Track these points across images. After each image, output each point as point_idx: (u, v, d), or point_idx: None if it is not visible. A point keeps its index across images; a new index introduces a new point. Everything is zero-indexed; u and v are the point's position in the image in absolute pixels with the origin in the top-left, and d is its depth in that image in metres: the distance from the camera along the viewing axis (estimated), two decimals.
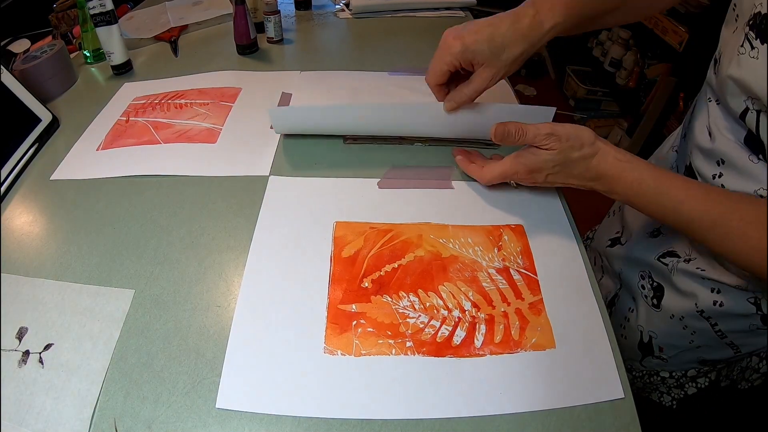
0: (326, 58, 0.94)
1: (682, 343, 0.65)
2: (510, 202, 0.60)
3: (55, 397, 0.41)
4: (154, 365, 0.43)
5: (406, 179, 0.63)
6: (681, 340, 0.65)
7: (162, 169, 0.64)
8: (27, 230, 0.56)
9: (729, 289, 0.57)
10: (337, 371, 0.43)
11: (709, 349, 0.65)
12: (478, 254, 0.53)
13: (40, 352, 0.44)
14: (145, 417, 0.40)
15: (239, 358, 0.43)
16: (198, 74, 0.86)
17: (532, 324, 0.47)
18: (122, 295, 0.48)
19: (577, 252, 0.54)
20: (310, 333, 0.45)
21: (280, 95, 0.80)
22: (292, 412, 0.40)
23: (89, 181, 0.63)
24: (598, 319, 0.47)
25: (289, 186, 0.61)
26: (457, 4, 1.18)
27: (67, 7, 1.00)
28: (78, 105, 0.79)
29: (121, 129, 0.72)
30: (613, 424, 0.40)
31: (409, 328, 0.46)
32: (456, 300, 0.49)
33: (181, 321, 0.47)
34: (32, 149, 0.67)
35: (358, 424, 0.40)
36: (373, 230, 0.55)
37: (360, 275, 0.50)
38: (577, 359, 0.44)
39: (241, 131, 0.71)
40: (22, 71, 0.75)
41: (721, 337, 0.63)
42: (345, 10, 1.15)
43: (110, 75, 0.87)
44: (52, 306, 0.47)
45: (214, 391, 0.41)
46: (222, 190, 0.61)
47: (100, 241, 0.54)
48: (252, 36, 0.92)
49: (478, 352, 0.44)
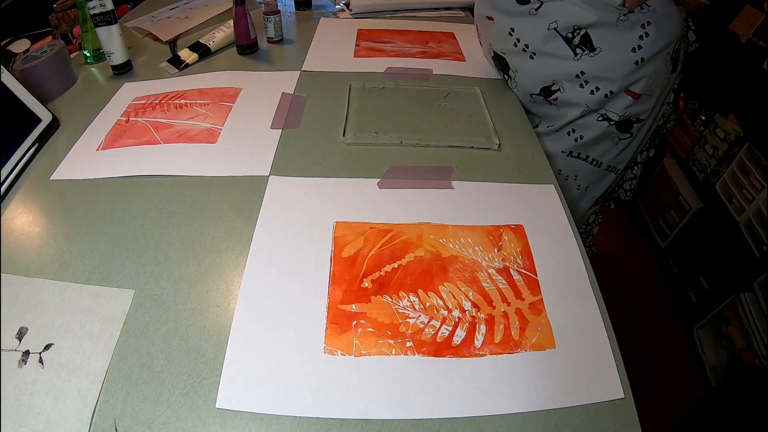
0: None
1: (574, 193, 0.89)
2: (510, 202, 0.60)
3: (55, 397, 0.41)
4: (154, 365, 0.43)
5: (406, 179, 0.63)
6: (571, 190, 0.88)
7: (162, 169, 0.64)
8: (27, 230, 0.56)
9: (580, 123, 0.79)
10: (337, 371, 0.43)
11: (595, 184, 0.88)
12: (478, 254, 0.53)
13: (40, 352, 0.44)
14: (145, 417, 0.39)
15: (239, 358, 0.43)
16: (198, 74, 0.86)
17: (532, 324, 0.47)
18: (122, 295, 0.48)
19: (577, 252, 0.54)
20: (310, 333, 0.45)
21: (280, 95, 0.80)
22: (292, 412, 0.40)
23: (89, 181, 0.63)
24: (598, 319, 0.47)
25: (289, 186, 0.61)
26: (457, 4, 1.18)
27: (67, 7, 1.00)
28: (78, 105, 0.79)
29: (121, 129, 0.72)
30: (613, 424, 0.40)
31: (409, 328, 0.46)
32: (456, 300, 0.49)
33: (181, 321, 0.46)
34: (32, 149, 0.67)
35: (358, 424, 0.40)
36: (373, 230, 0.55)
37: (360, 275, 0.50)
38: (577, 359, 0.44)
39: (241, 131, 0.71)
40: (23, 71, 0.75)
41: (597, 165, 0.85)
42: (345, 10, 1.15)
43: (110, 75, 0.87)
44: (52, 306, 0.47)
45: (214, 391, 0.41)
46: (222, 190, 0.61)
47: (100, 241, 0.54)
48: (252, 36, 0.92)
49: (478, 352, 0.44)
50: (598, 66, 0.73)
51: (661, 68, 0.75)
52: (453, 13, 1.16)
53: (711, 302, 1.28)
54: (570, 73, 0.75)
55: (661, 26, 0.70)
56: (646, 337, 1.38)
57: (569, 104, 0.78)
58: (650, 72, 0.73)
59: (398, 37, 1.02)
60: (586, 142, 0.81)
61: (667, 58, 0.74)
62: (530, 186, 0.63)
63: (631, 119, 0.79)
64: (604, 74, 0.73)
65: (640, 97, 0.75)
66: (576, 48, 0.72)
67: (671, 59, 0.75)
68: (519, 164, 0.67)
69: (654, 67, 0.73)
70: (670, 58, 0.75)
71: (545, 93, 0.79)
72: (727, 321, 1.22)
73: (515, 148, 0.70)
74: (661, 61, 0.74)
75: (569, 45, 0.73)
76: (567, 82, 0.77)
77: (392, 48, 0.97)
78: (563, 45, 0.73)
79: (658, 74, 0.74)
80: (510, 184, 0.63)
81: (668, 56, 0.74)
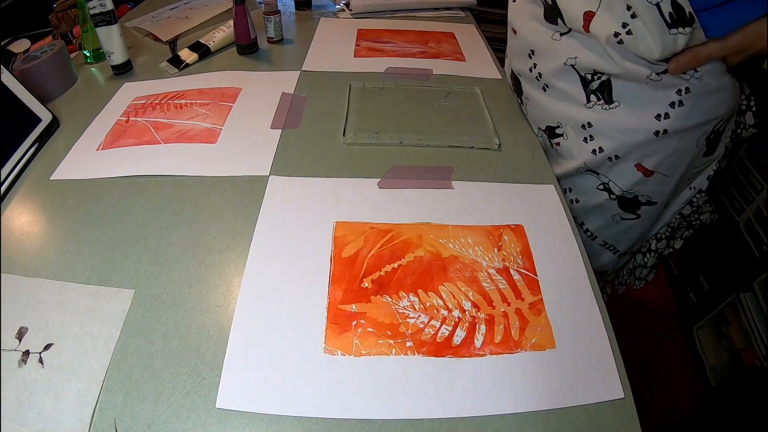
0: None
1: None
2: (510, 202, 0.60)
3: (55, 397, 0.41)
4: (154, 365, 0.43)
5: (406, 179, 0.63)
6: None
7: (162, 169, 0.64)
8: (27, 230, 0.56)
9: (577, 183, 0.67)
10: (337, 371, 0.43)
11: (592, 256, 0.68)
12: (478, 254, 0.53)
13: (40, 352, 0.44)
14: (145, 417, 0.39)
15: (239, 358, 0.43)
16: (198, 74, 0.86)
17: (532, 324, 0.47)
18: (122, 295, 0.48)
19: (577, 252, 0.54)
20: (310, 333, 0.45)
21: (280, 95, 0.80)
22: (292, 412, 0.40)
23: (89, 181, 0.63)
24: (598, 319, 0.47)
25: (289, 186, 0.61)
26: (457, 4, 1.18)
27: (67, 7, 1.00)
28: (78, 105, 0.79)
29: (121, 129, 0.72)
30: (613, 424, 0.40)
31: (409, 328, 0.46)
32: (456, 300, 0.49)
33: (181, 321, 0.46)
34: (32, 149, 0.67)
35: (358, 424, 0.40)
36: (373, 230, 0.55)
37: (360, 275, 0.50)
38: (577, 359, 0.44)
39: (241, 131, 0.71)
40: (22, 71, 0.75)
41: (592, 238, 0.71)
42: (345, 10, 1.15)
43: (110, 75, 0.87)
44: (52, 306, 0.47)
45: (214, 391, 0.41)
46: (222, 190, 0.61)
47: (100, 241, 0.54)
48: (252, 36, 0.92)
49: (478, 352, 0.44)
50: (609, 123, 0.60)
51: (689, 148, 0.60)
52: (453, 13, 1.16)
53: (711, 302, 1.28)
54: (576, 120, 0.63)
55: (702, 99, 0.56)
56: (646, 337, 1.38)
57: (570, 156, 0.67)
58: (672, 149, 0.59)
59: (398, 37, 1.02)
60: (582, 207, 0.70)
61: (701, 137, 0.59)
62: (530, 186, 0.63)
63: (638, 198, 0.65)
64: (613, 134, 0.60)
65: (653, 175, 0.61)
66: (591, 94, 0.60)
67: (707, 140, 0.60)
68: (519, 164, 0.67)
69: (678, 144, 0.59)
70: (705, 138, 0.60)
71: (549, 133, 0.69)
72: (727, 321, 1.22)
73: (515, 148, 0.70)
74: (690, 139, 0.59)
75: (585, 87, 0.60)
76: (572, 129, 0.65)
77: (392, 48, 0.97)
78: (578, 85, 0.61)
79: (682, 154, 0.60)
80: (510, 184, 0.63)
81: (703, 136, 0.59)
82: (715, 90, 0.55)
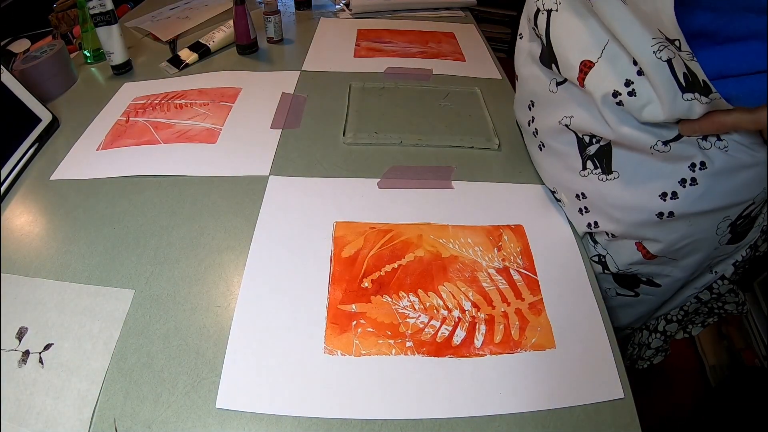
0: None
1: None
2: (510, 202, 0.60)
3: (55, 397, 0.41)
4: (154, 365, 0.43)
5: (406, 179, 0.63)
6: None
7: (162, 169, 0.64)
8: (27, 230, 0.56)
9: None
10: (337, 371, 0.43)
11: None
12: (478, 254, 0.53)
13: (40, 352, 0.44)
14: (145, 417, 0.39)
15: (239, 358, 0.43)
16: (198, 74, 0.86)
17: (532, 324, 0.47)
18: (122, 295, 0.48)
19: (577, 252, 0.54)
20: (310, 333, 0.45)
21: (280, 95, 0.80)
22: (292, 412, 0.40)
23: (89, 181, 0.63)
24: (598, 319, 0.47)
25: (289, 186, 0.61)
26: (457, 4, 1.18)
27: (67, 7, 1.00)
28: (78, 105, 0.79)
29: (121, 129, 0.72)
30: (613, 424, 0.40)
31: (409, 328, 0.46)
32: (456, 300, 0.49)
33: (181, 321, 0.46)
34: (32, 149, 0.67)
35: (358, 424, 0.40)
36: (373, 230, 0.55)
37: (360, 275, 0.50)
38: (577, 359, 0.44)
39: (241, 131, 0.71)
40: (22, 71, 0.75)
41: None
42: (345, 10, 1.15)
43: (110, 75, 0.87)
44: (52, 306, 0.47)
45: (214, 391, 0.41)
46: (222, 190, 0.61)
47: (100, 241, 0.54)
48: (252, 36, 0.92)
49: (478, 352, 0.44)
50: (603, 197, 0.49)
51: (706, 235, 0.47)
52: (453, 13, 1.16)
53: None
54: (570, 188, 0.54)
55: (724, 177, 0.42)
56: None
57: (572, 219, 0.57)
58: (680, 234, 0.47)
59: (398, 37, 1.02)
60: None
61: (722, 223, 0.47)
62: (530, 186, 0.63)
63: (638, 277, 0.55)
64: (608, 210, 0.50)
65: (655, 259, 0.51)
66: (588, 160, 0.50)
67: (730, 226, 0.47)
68: (519, 164, 0.67)
69: (688, 230, 0.47)
70: (728, 225, 0.47)
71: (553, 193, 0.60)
72: (727, 321, 1.22)
73: (515, 148, 0.70)
74: (706, 225, 0.46)
75: (581, 152, 0.50)
76: (567, 198, 0.56)
77: (392, 48, 0.97)
78: (575, 148, 0.51)
79: (694, 241, 0.48)
80: (510, 184, 0.63)
81: (725, 222, 0.46)
82: (745, 166, 0.41)
